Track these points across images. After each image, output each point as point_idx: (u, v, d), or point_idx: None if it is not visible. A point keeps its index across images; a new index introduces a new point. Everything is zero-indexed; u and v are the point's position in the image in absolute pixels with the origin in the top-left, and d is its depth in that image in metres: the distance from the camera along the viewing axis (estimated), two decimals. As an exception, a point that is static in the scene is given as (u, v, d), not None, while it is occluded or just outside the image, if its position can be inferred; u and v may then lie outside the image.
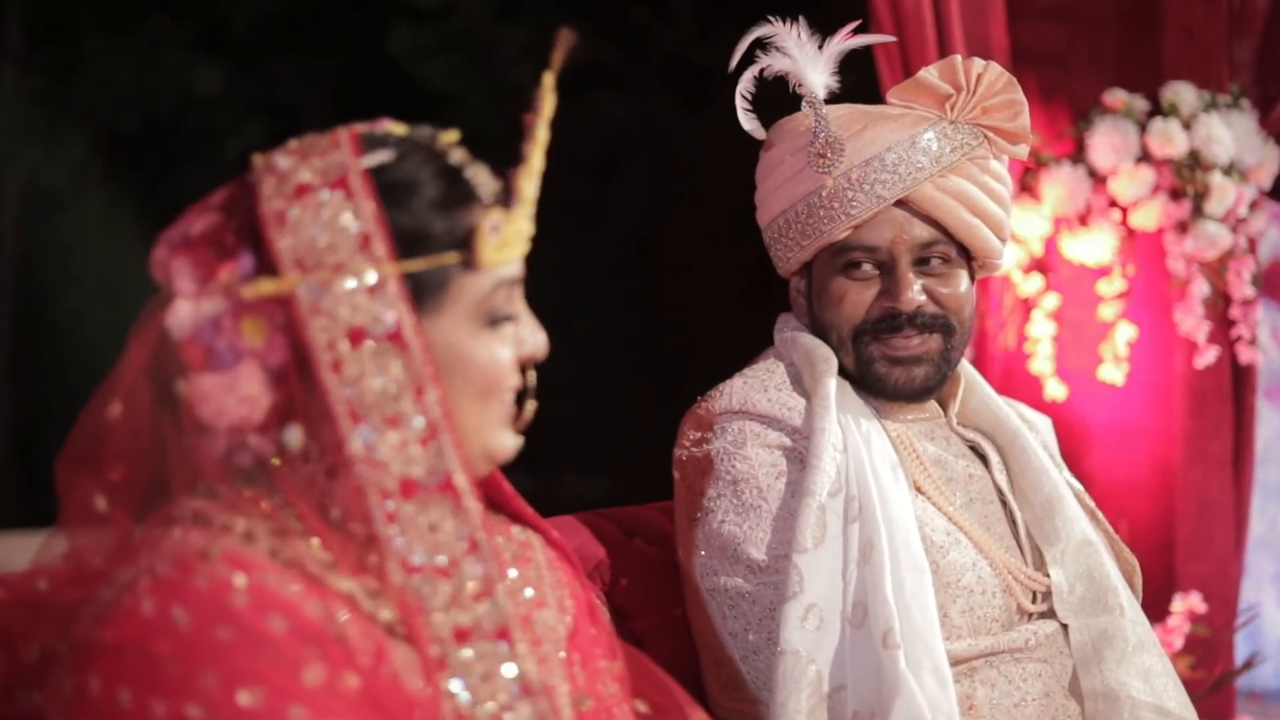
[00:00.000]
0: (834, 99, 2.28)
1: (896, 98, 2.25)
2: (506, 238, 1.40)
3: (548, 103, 1.42)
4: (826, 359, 2.21)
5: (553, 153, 1.49)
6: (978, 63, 2.20)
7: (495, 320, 1.43)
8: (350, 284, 1.36)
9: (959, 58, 2.21)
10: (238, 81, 5.79)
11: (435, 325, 1.40)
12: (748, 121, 2.28)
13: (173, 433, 1.39)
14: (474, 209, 1.41)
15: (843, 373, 2.22)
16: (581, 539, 2.23)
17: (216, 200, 1.44)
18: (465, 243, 1.39)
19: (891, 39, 2.57)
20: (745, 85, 2.27)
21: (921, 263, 2.19)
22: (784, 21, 2.26)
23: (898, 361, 2.19)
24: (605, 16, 5.61)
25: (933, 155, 2.16)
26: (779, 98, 2.31)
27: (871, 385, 2.21)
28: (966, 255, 2.23)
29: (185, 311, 1.38)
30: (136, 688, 1.23)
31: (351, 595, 1.35)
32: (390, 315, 1.36)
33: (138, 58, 5.58)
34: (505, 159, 1.46)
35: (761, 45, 2.26)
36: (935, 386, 2.24)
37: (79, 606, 1.34)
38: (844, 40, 2.26)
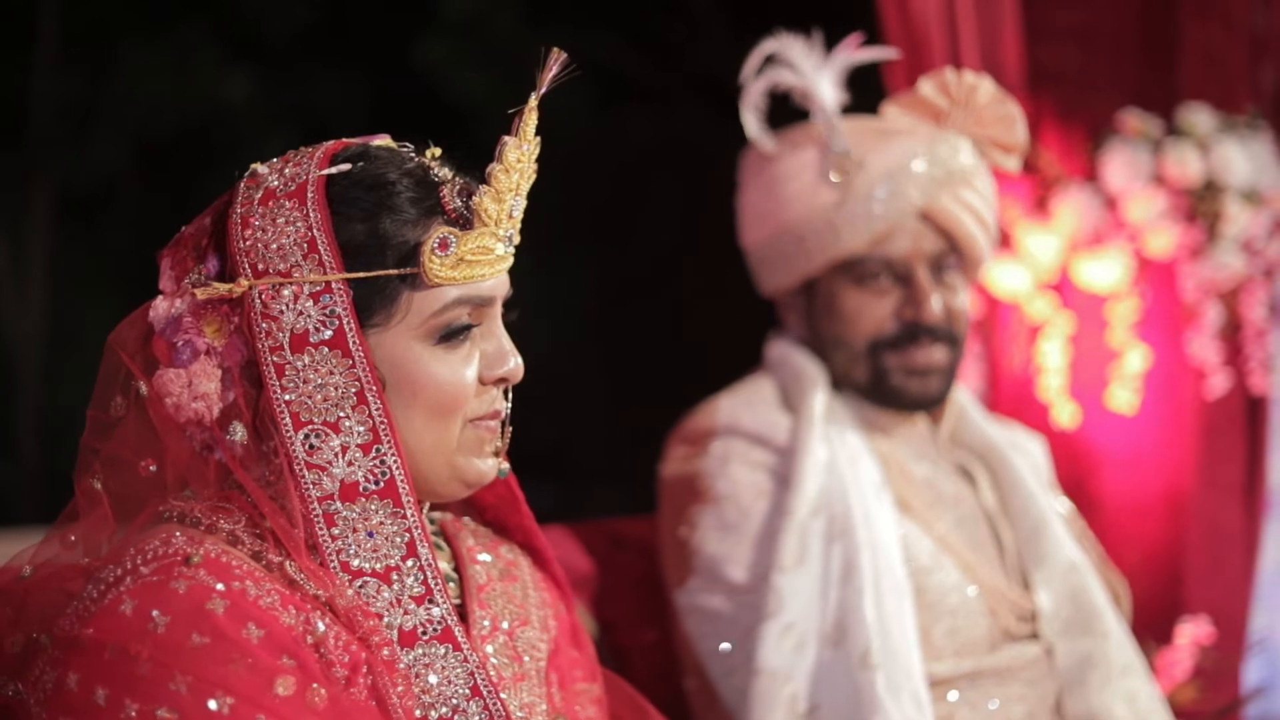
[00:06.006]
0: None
1: (895, 110, 2.25)
2: (462, 256, 1.40)
3: (529, 124, 1.41)
4: (814, 378, 2.21)
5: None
6: (969, 76, 2.22)
7: (446, 338, 1.42)
8: (294, 290, 1.38)
9: (950, 71, 2.22)
10: (271, 91, 5.84)
11: (382, 337, 1.41)
12: (759, 136, 2.28)
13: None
14: (432, 225, 1.41)
15: (852, 386, 2.22)
16: (569, 550, 2.24)
17: (214, 204, 1.47)
18: (414, 258, 1.40)
19: (896, 55, 2.57)
20: (756, 100, 2.28)
21: (935, 274, 2.20)
22: (796, 34, 2.27)
23: (915, 373, 2.20)
24: (636, 30, 5.63)
25: (948, 168, 2.17)
26: (792, 112, 2.31)
27: (887, 397, 2.22)
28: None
29: (160, 309, 1.42)
30: (112, 686, 1.25)
31: (331, 601, 1.37)
32: (332, 322, 1.38)
33: (170, 64, 5.63)
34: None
35: (770, 60, 2.27)
36: (944, 397, 2.25)
37: (63, 599, 1.37)
38: (849, 53, 2.27)
